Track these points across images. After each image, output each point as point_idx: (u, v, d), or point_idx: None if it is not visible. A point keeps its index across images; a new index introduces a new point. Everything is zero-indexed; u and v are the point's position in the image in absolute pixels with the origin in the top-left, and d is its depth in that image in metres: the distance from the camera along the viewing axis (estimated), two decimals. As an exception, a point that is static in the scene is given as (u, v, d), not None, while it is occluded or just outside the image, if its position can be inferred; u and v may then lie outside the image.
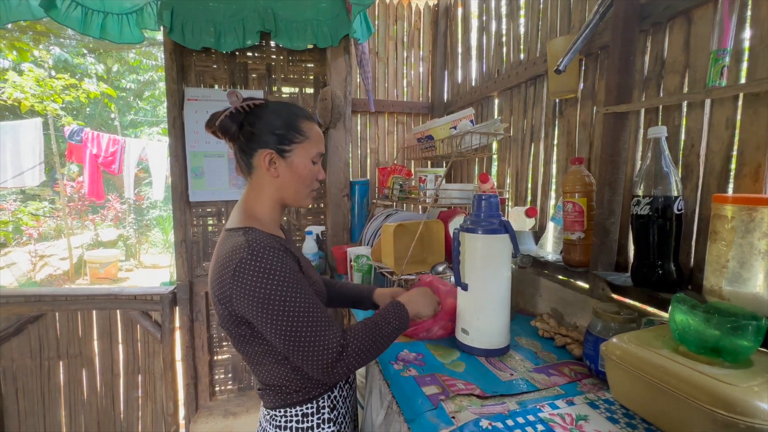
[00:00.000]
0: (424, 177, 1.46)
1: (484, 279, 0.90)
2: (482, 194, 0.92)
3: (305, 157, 0.78)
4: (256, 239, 0.70)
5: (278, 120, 0.76)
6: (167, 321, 1.82)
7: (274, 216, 0.82)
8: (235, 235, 0.73)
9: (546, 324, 1.05)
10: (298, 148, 0.78)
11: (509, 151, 1.55)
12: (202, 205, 1.90)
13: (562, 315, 1.10)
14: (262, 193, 0.80)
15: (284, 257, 0.70)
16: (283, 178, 0.78)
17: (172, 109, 1.75)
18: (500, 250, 0.89)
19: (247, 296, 0.67)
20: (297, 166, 0.78)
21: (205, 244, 1.92)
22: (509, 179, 1.56)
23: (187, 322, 1.87)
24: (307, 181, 0.80)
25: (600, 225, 1.01)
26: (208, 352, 1.95)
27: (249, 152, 0.78)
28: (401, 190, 1.61)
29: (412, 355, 0.93)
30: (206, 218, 1.92)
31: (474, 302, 0.91)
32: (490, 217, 0.90)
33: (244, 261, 0.68)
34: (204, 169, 1.84)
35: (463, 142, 1.36)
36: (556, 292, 1.12)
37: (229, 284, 0.69)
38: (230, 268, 0.68)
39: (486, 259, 0.89)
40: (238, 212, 0.80)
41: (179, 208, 1.82)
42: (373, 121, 2.13)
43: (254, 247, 0.69)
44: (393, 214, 1.59)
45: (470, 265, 0.91)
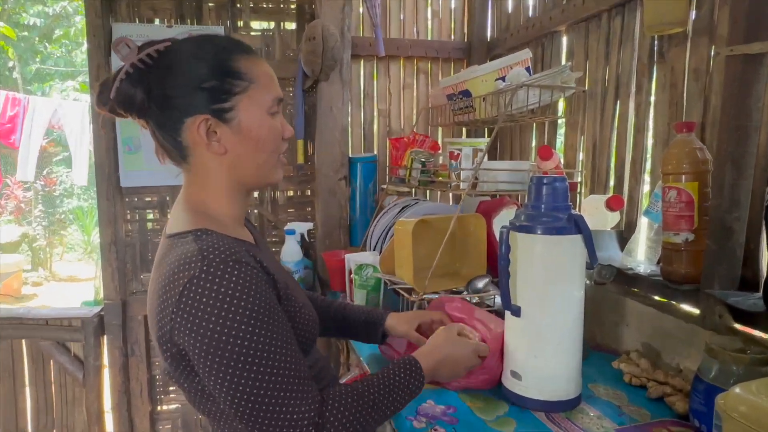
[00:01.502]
0: (457, 151, 1.45)
1: (544, 300, 0.89)
2: (543, 176, 0.92)
3: (257, 111, 0.77)
4: (213, 246, 0.69)
5: (201, 66, 0.74)
6: (92, 356, 1.86)
7: (234, 210, 0.82)
8: (181, 242, 0.73)
9: (635, 366, 1.05)
10: (243, 101, 0.76)
11: (583, 113, 1.53)
12: (139, 193, 1.93)
13: (658, 353, 1.09)
14: (208, 180, 0.79)
15: (254, 275, 0.69)
16: (233, 152, 0.77)
17: (94, 54, 1.77)
18: (569, 259, 0.89)
19: (192, 331, 0.66)
20: (248, 128, 0.76)
21: (144, 247, 1.95)
22: (583, 154, 1.55)
23: (120, 358, 1.91)
24: (269, 144, 0.79)
25: (718, 222, 0.99)
26: (149, 401, 1.99)
27: (172, 127, 0.76)
28: (423, 170, 1.60)
29: (440, 409, 0.93)
30: (144, 211, 1.95)
31: (530, 334, 0.91)
32: (554, 210, 0.89)
33: (195, 280, 0.66)
34: (141, 141, 1.86)
35: (515, 101, 1.35)
36: (651, 319, 1.11)
37: (171, 313, 0.68)
38: (175, 291, 0.67)
39: (548, 272, 0.89)
40: (182, 210, 0.79)
41: (106, 196, 1.84)
42: (383, 69, 2.13)
43: (210, 259, 0.67)
44: (412, 205, 1.59)
45: (525, 281, 0.91)
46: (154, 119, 0.77)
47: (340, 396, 0.72)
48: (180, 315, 0.67)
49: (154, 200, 1.95)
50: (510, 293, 0.93)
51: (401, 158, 1.78)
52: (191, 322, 0.66)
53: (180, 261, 0.69)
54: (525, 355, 0.92)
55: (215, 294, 0.66)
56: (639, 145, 1.33)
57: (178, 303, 0.67)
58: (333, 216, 1.95)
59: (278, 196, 2.09)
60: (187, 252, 0.70)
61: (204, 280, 0.66)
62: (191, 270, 0.67)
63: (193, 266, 0.67)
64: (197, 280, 0.66)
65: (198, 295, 0.66)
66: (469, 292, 1.30)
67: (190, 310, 0.66)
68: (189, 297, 0.66)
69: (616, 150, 1.41)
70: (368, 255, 1.53)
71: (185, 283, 0.66)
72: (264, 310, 0.68)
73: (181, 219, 0.78)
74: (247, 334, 0.66)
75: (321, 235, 1.97)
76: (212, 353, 0.66)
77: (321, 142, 1.92)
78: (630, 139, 1.36)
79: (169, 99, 0.75)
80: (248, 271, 0.69)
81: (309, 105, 2.02)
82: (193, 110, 0.74)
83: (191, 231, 0.74)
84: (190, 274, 0.67)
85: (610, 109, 1.42)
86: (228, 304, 0.66)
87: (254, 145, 0.77)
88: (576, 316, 0.91)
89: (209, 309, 0.65)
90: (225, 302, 0.65)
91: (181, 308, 0.67)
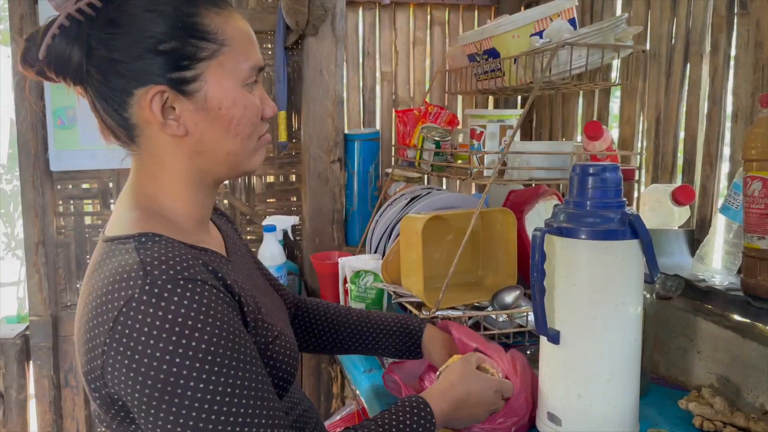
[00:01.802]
0: (481, 128, 1.44)
1: (591, 323, 0.88)
2: (588, 164, 0.90)
3: (229, 82, 0.76)
4: (159, 259, 0.67)
5: (157, 21, 0.72)
6: (14, 388, 1.86)
7: (194, 208, 0.81)
8: (120, 249, 0.71)
9: (708, 406, 1.04)
10: (212, 69, 0.75)
11: (644, 78, 1.52)
12: (75, 178, 1.93)
13: (738, 390, 1.08)
14: (162, 169, 0.78)
15: (212, 297, 0.68)
16: (196, 134, 0.76)
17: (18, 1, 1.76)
18: (622, 271, 0.88)
19: (130, 370, 0.64)
20: (217, 104, 0.76)
21: (81, 248, 1.95)
22: (642, 132, 1.53)
23: (50, 390, 1.91)
24: (244, 126, 0.78)
25: (815, 222, 0.99)
26: (89, 442, 2.00)
27: (117, 99, 0.75)
28: (438, 151, 1.60)
29: (456, 459, 0.93)
30: (81, 202, 1.95)
31: (572, 366, 0.90)
32: (603, 208, 0.88)
33: (134, 303, 0.64)
34: (77, 113, 1.86)
35: (555, 63, 1.33)
36: (729, 346, 1.10)
37: (103, 344, 0.66)
38: (108, 316, 0.66)
39: (595, 287, 0.88)
40: (128, 206, 0.78)
41: (32, 183, 1.84)
42: (386, 21, 2.11)
43: (155, 276, 0.65)
44: (423, 195, 1.59)
45: (565, 298, 0.90)
46: (95, 87, 0.76)
47: None
48: (114, 348, 0.65)
49: (93, 188, 1.95)
50: (546, 314, 0.92)
51: (410, 135, 1.78)
52: (128, 359, 0.64)
53: (115, 276, 0.67)
54: (566, 393, 0.91)
55: (160, 322, 0.63)
56: (714, 122, 1.32)
57: (112, 333, 0.65)
58: (324, 208, 1.95)
59: (255, 183, 2.09)
60: (125, 264, 0.68)
61: (145, 304, 0.64)
62: (129, 290, 0.65)
63: (132, 284, 0.65)
64: (136, 303, 0.64)
65: (137, 323, 0.63)
66: (495, 307, 1.29)
67: (126, 342, 0.64)
68: (126, 326, 0.64)
69: (685, 127, 1.40)
70: (368, 259, 1.53)
71: (121, 307, 0.65)
72: (225, 342, 0.66)
73: (124, 218, 0.77)
74: (203, 375, 0.64)
75: (309, 233, 1.97)
76: (156, 400, 0.64)
77: (309, 114, 1.91)
78: (703, 112, 1.35)
79: (114, 63, 0.73)
80: (204, 291, 0.67)
81: (293, 67, 2.01)
82: (145, 79, 0.73)
83: (134, 236, 0.72)
84: (127, 295, 0.65)
85: (678, 75, 1.41)
86: (177, 335, 0.63)
87: (224, 127, 0.77)
88: (631, 342, 0.90)
89: (152, 341, 0.63)
90: (173, 332, 0.63)
91: (115, 339, 0.65)
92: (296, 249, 2.11)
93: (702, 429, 1.01)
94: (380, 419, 0.80)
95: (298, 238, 2.11)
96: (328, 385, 2.11)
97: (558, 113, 1.92)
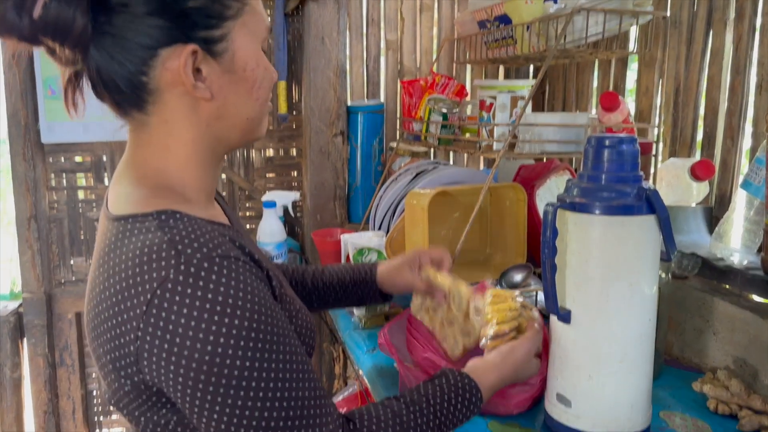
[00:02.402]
0: (491, 99, 1.43)
1: (604, 302, 0.88)
2: (604, 136, 0.90)
3: (252, 43, 0.77)
4: (188, 237, 0.68)
5: None
6: (8, 366, 1.87)
7: (206, 180, 0.80)
8: (140, 228, 0.70)
9: (723, 389, 1.04)
10: (237, 28, 0.74)
11: (663, 47, 1.51)
12: (68, 151, 1.93)
13: (755, 372, 1.08)
14: (176, 139, 0.76)
15: (247, 273, 0.69)
16: (221, 98, 0.75)
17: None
18: (638, 248, 0.87)
19: (172, 355, 0.64)
20: (243, 65, 0.76)
21: (74, 223, 1.95)
22: (661, 104, 1.52)
23: (45, 369, 1.92)
24: (264, 89, 0.80)
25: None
26: (85, 424, 2.02)
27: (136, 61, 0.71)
28: (445, 124, 1.59)
29: (462, 443, 0.93)
30: (74, 176, 1.95)
31: (583, 347, 0.90)
32: (619, 182, 0.88)
33: (170, 285, 0.64)
34: (71, 83, 1.85)
35: (570, 30, 1.32)
36: (747, 327, 1.10)
37: (136, 330, 0.66)
38: (140, 299, 0.65)
39: (609, 265, 0.87)
40: (134, 183, 0.76)
41: (23, 155, 1.84)
42: (391, -14, 2.09)
43: (189, 255, 0.66)
44: (429, 170, 1.58)
45: (578, 276, 0.90)
46: (105, 49, 0.71)
47: (370, 416, 0.75)
48: (150, 333, 0.65)
49: (87, 161, 1.95)
50: (557, 292, 0.92)
51: (416, 108, 1.77)
52: (168, 343, 0.64)
53: (141, 257, 0.67)
54: (576, 374, 0.91)
55: (200, 303, 0.63)
56: (737, 93, 1.31)
57: (146, 317, 0.64)
58: (326, 184, 1.95)
59: (254, 157, 2.08)
60: (151, 244, 0.67)
61: (182, 285, 0.64)
62: (162, 270, 0.65)
63: (164, 265, 0.65)
64: (172, 285, 0.64)
65: (175, 305, 0.63)
66: (503, 286, 1.30)
67: (165, 326, 0.64)
68: (162, 308, 0.64)
69: (706, 98, 1.39)
70: (371, 236, 1.53)
71: (155, 289, 0.64)
72: (265, 318, 0.67)
73: (133, 195, 0.75)
74: (248, 352, 0.65)
75: (310, 209, 1.97)
76: (202, 383, 0.64)
77: (310, 85, 1.90)
78: (725, 83, 1.34)
79: (135, 19, 0.69)
80: (238, 268, 0.67)
81: (293, 35, 1.98)
82: (174, 37, 0.70)
83: (152, 213, 0.71)
84: (160, 276, 0.64)
85: (700, 43, 1.40)
86: (219, 315, 0.64)
87: (247, 90, 0.77)
88: (645, 322, 0.89)
89: (193, 324, 0.63)
90: (214, 312, 0.63)
91: (151, 324, 0.64)
92: (297, 226, 2.11)
93: (717, 412, 1.01)
94: (428, 393, 0.82)
95: (298, 214, 2.11)
96: (330, 365, 2.12)
97: (572, 84, 1.92)
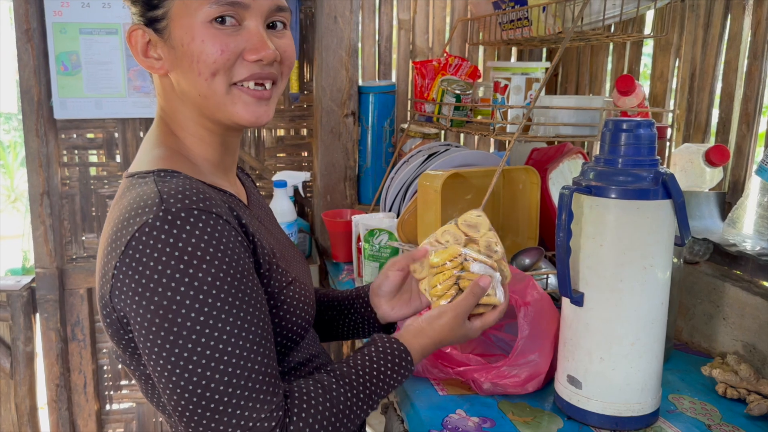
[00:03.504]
0: (505, 81, 1.43)
1: (617, 286, 0.89)
2: (621, 119, 0.90)
3: (191, 18, 0.76)
4: (176, 190, 0.71)
5: None
6: (21, 340, 1.90)
7: (207, 150, 0.84)
8: (140, 182, 0.76)
9: (732, 373, 1.04)
10: (176, 7, 0.76)
11: (679, 30, 1.49)
12: (80, 128, 1.93)
13: (765, 357, 1.08)
14: (172, 110, 0.84)
15: (225, 231, 0.71)
16: (173, 74, 0.80)
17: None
18: (653, 232, 0.87)
19: (134, 293, 0.68)
20: (180, 41, 0.76)
21: (86, 200, 1.97)
22: (677, 87, 1.51)
23: (57, 344, 1.95)
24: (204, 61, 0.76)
25: None
26: (96, 398, 2.05)
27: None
28: (458, 105, 1.58)
29: (473, 422, 0.93)
30: (87, 152, 1.96)
31: (595, 329, 0.91)
32: (635, 166, 0.88)
33: (147, 228, 0.67)
34: (81, 58, 1.85)
35: (587, 12, 1.31)
36: (757, 312, 1.10)
37: (113, 268, 0.70)
38: (121, 241, 0.69)
39: (624, 249, 0.88)
40: (152, 145, 0.83)
41: (36, 131, 1.85)
42: (405, -35, 2.07)
43: (170, 203, 0.69)
44: (441, 152, 1.58)
45: (591, 259, 0.90)
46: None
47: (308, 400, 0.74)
48: (122, 271, 0.69)
49: (99, 138, 1.95)
50: (571, 275, 0.92)
51: (429, 89, 1.75)
52: (135, 282, 0.68)
53: (133, 205, 0.71)
54: (588, 356, 0.92)
55: (170, 248, 0.67)
56: (754, 78, 1.29)
57: (123, 256, 0.68)
58: (337, 164, 1.95)
59: (264, 137, 2.08)
60: (143, 194, 0.72)
61: (158, 230, 0.67)
62: (144, 216, 0.68)
63: (147, 211, 0.69)
64: (149, 228, 0.67)
65: (148, 248, 0.67)
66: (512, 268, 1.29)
67: (135, 265, 0.67)
68: (137, 249, 0.67)
69: (722, 83, 1.38)
70: (382, 217, 1.54)
71: (134, 231, 0.68)
72: (232, 279, 0.69)
73: (147, 155, 0.81)
74: (204, 306, 0.67)
75: (321, 189, 1.97)
76: (156, 324, 0.67)
77: (322, 64, 1.89)
78: (742, 68, 1.32)
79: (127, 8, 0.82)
80: (217, 225, 0.70)
81: (305, 13, 1.97)
82: (133, 19, 0.80)
83: (153, 171, 0.77)
84: (141, 221, 0.68)
85: (717, 27, 1.38)
86: (185, 264, 0.66)
87: (188, 65, 0.77)
88: (657, 306, 0.90)
89: (160, 266, 0.66)
90: (182, 260, 0.66)
91: (125, 263, 0.68)
92: (307, 206, 2.12)
93: (725, 396, 1.02)
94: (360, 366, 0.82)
95: (309, 194, 2.11)
96: (338, 347, 2.14)
97: (586, 67, 1.90)
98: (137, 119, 1.91)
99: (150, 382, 0.80)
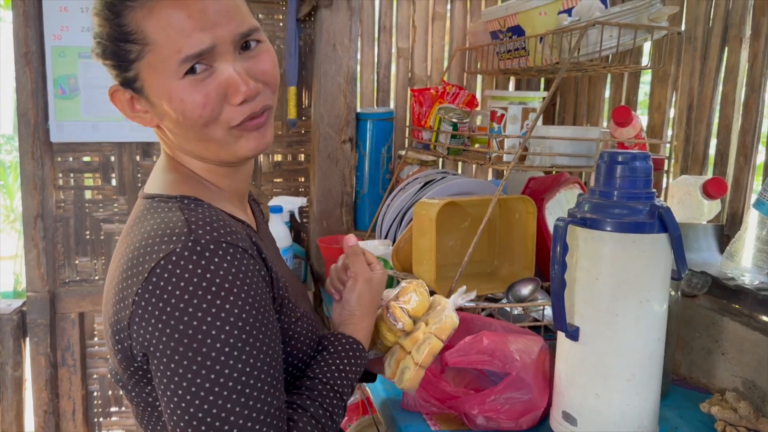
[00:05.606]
0: (502, 110, 1.43)
1: (613, 320, 0.88)
2: (617, 151, 0.90)
3: (161, 79, 0.75)
4: (205, 221, 0.72)
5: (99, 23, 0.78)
6: (10, 365, 1.88)
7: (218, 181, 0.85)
8: (164, 206, 0.76)
9: (732, 411, 1.03)
10: (143, 68, 0.76)
11: (677, 62, 1.50)
12: (76, 151, 1.94)
13: (765, 395, 1.07)
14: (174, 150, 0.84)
15: (251, 267, 0.71)
16: (165, 126, 0.81)
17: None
18: (649, 266, 0.87)
19: (158, 321, 0.68)
20: (158, 101, 0.77)
21: (81, 223, 1.96)
22: (674, 119, 1.52)
23: (47, 369, 1.93)
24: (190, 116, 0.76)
25: None
26: (84, 424, 2.02)
27: None
28: (455, 134, 1.59)
29: (464, 458, 0.93)
30: (82, 175, 1.96)
31: (591, 364, 0.90)
32: (631, 199, 0.88)
33: (174, 258, 0.68)
34: (79, 82, 1.87)
35: (584, 43, 1.32)
36: (757, 348, 1.09)
37: (134, 295, 0.69)
38: (144, 267, 0.69)
39: (620, 283, 0.87)
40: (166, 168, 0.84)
41: (32, 153, 1.86)
42: (405, -6, 2.09)
43: (200, 235, 0.69)
44: (438, 180, 1.58)
45: (587, 293, 0.90)
46: None
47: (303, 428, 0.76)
48: (145, 299, 0.68)
49: (95, 161, 1.95)
50: (566, 309, 0.92)
51: (426, 116, 1.77)
52: (159, 309, 0.67)
53: (157, 231, 0.71)
54: (583, 392, 0.91)
55: (198, 279, 0.67)
56: (751, 110, 1.31)
57: (146, 283, 0.68)
58: (333, 190, 1.95)
59: (261, 162, 2.09)
60: (169, 221, 0.72)
61: (186, 260, 0.67)
62: (171, 244, 0.69)
63: (174, 240, 0.69)
64: (176, 257, 0.67)
65: (174, 276, 0.67)
66: (510, 300, 1.29)
67: (160, 293, 0.67)
68: (162, 278, 0.67)
69: (720, 115, 1.39)
70: (377, 244, 1.54)
71: (159, 259, 0.68)
72: (256, 314, 0.70)
73: (162, 178, 0.82)
74: (229, 338, 0.67)
75: (317, 215, 1.97)
76: (179, 353, 0.67)
77: (320, 91, 1.90)
78: (740, 101, 1.34)
79: None
80: (243, 259, 0.70)
81: (305, 41, 1.99)
82: (113, 79, 0.80)
83: (176, 197, 0.77)
84: (168, 249, 0.68)
85: (715, 59, 1.40)
86: (213, 295, 0.67)
87: (175, 121, 0.77)
88: (654, 341, 0.89)
89: (186, 296, 0.67)
90: (209, 291, 0.67)
91: (148, 290, 0.68)
92: (303, 231, 2.12)
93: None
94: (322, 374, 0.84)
95: (305, 220, 2.11)
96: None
97: (583, 97, 1.91)
98: (134, 143, 1.91)
99: (148, 409, 0.79)
